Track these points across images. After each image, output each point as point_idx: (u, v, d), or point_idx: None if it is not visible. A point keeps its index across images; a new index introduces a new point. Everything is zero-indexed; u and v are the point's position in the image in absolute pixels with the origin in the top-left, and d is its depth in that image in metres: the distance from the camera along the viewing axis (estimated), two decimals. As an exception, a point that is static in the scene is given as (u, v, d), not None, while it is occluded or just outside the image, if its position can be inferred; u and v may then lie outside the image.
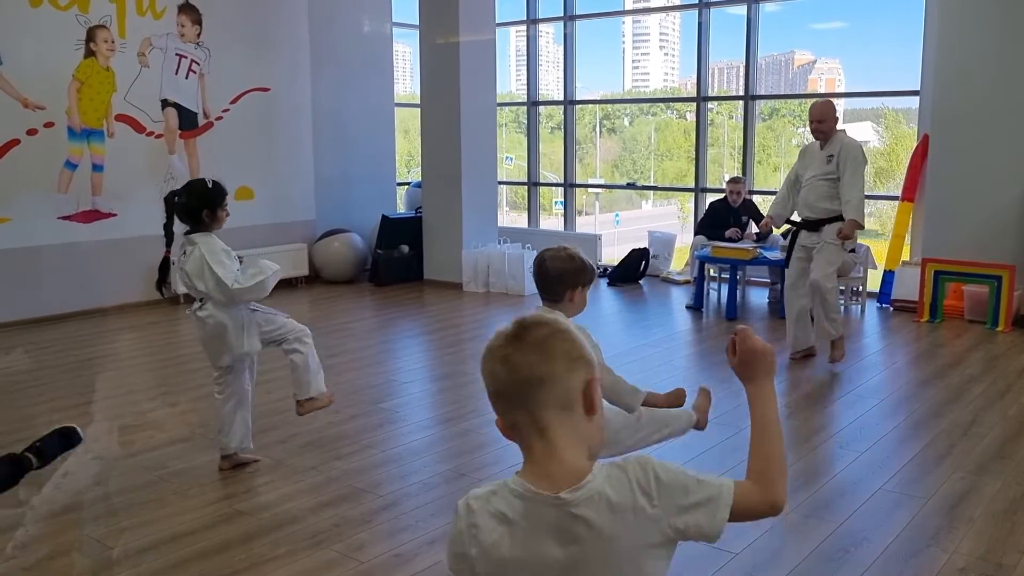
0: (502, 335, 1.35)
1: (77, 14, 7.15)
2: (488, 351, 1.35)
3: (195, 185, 3.82)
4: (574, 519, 1.27)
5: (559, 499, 1.28)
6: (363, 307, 7.93)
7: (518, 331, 1.33)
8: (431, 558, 3.13)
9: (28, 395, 5.16)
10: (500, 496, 1.32)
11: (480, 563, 1.31)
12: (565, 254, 2.63)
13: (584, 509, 1.27)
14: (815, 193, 5.58)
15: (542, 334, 1.32)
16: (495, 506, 1.31)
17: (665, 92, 15.33)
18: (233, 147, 8.27)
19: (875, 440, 4.36)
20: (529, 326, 1.34)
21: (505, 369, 1.31)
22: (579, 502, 1.27)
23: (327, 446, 4.26)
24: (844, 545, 3.21)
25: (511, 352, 1.31)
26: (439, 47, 8.57)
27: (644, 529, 1.30)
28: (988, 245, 6.89)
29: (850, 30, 12.34)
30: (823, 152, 5.57)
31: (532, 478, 1.30)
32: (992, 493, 3.66)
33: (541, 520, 1.29)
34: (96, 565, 3.10)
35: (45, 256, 7.07)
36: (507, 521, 1.30)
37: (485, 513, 1.32)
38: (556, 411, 1.31)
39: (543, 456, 1.31)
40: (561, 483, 1.29)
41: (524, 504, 1.30)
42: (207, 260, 3.68)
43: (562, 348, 1.32)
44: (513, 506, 1.30)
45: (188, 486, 3.77)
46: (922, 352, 6.16)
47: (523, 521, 1.29)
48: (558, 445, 1.31)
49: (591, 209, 13.77)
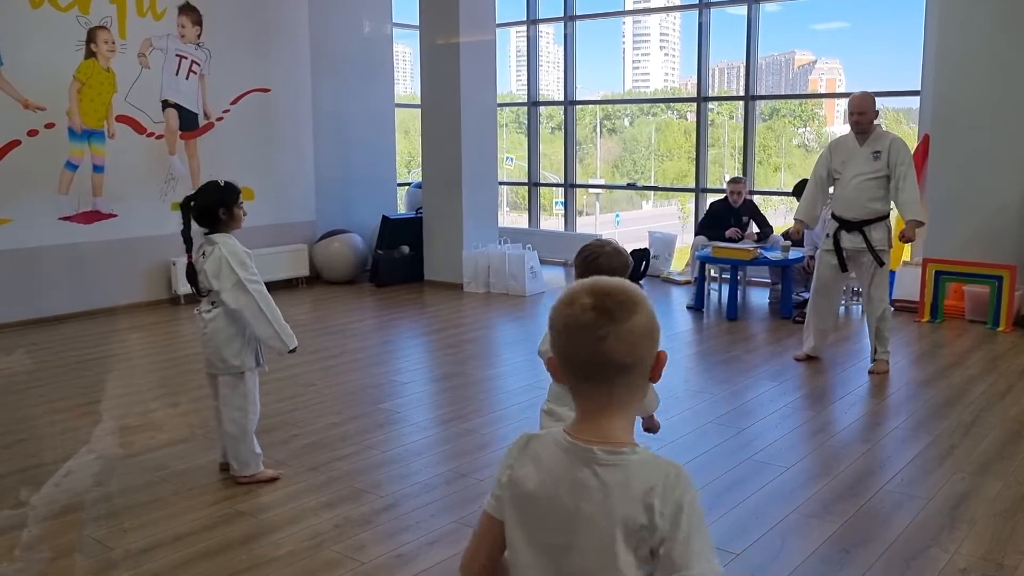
0: (592, 308, 1.31)
1: (78, 15, 7.16)
2: (574, 321, 1.32)
3: (209, 186, 3.79)
4: (594, 476, 1.31)
5: (591, 452, 1.32)
6: (363, 308, 7.93)
7: (614, 310, 1.31)
8: (432, 558, 3.13)
9: (29, 396, 5.16)
10: (544, 440, 1.39)
11: (506, 490, 1.38)
12: (612, 249, 2.56)
13: (608, 471, 1.31)
14: (865, 194, 5.25)
15: (640, 321, 1.32)
16: (535, 447, 1.38)
17: (665, 92, 15.34)
18: (234, 148, 8.28)
19: (876, 440, 4.36)
20: (625, 306, 1.31)
21: (595, 351, 1.31)
22: (607, 462, 1.31)
23: (328, 447, 4.26)
24: (845, 546, 3.21)
25: (606, 335, 1.30)
26: (439, 48, 8.57)
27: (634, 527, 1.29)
28: (989, 245, 6.89)
29: (850, 30, 12.35)
30: (865, 148, 5.27)
31: (575, 431, 1.35)
32: (993, 493, 3.66)
33: (568, 467, 1.33)
34: (97, 566, 3.10)
35: (46, 257, 7.07)
36: (538, 460, 1.36)
37: (527, 449, 1.39)
38: (628, 386, 1.35)
39: (596, 415, 1.35)
40: (600, 441, 1.33)
41: (560, 450, 1.35)
42: (228, 261, 3.62)
43: (651, 330, 1.34)
44: (550, 450, 1.36)
45: (189, 487, 3.77)
46: (923, 352, 6.16)
47: (551, 463, 1.35)
48: (615, 410, 1.35)
49: (592, 209, 13.77)
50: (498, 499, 1.41)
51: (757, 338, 6.64)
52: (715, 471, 3.90)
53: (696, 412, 4.76)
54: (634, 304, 1.32)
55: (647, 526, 1.27)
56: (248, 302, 3.65)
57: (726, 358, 6.09)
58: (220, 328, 3.70)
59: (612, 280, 1.36)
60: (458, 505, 3.56)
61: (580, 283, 1.36)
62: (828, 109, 12.86)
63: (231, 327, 3.70)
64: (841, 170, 5.39)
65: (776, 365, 5.78)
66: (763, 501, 3.60)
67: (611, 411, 1.34)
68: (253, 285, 3.66)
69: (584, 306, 1.31)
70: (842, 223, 5.41)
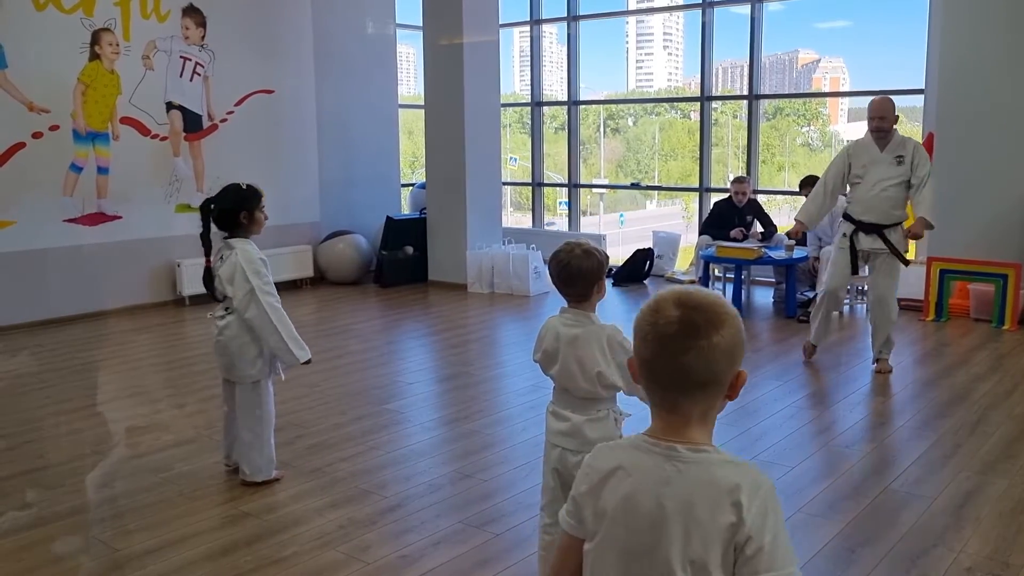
0: (678, 321, 1.29)
1: (82, 17, 7.17)
2: (658, 331, 1.30)
3: (230, 189, 3.71)
4: (678, 472, 1.30)
5: (674, 449, 1.32)
6: (368, 308, 7.94)
7: (700, 325, 1.29)
8: (437, 559, 3.13)
9: (35, 397, 5.17)
10: (622, 447, 1.38)
11: (587, 506, 1.38)
12: (581, 251, 2.58)
13: (692, 468, 1.30)
14: (889, 201, 5.23)
15: (724, 339, 1.30)
16: (614, 455, 1.38)
17: (669, 92, 15.32)
18: (238, 149, 8.29)
19: (881, 440, 4.35)
20: (712, 323, 1.30)
21: (675, 364, 1.30)
22: (690, 459, 1.31)
23: (332, 448, 4.27)
24: (850, 545, 3.20)
25: (688, 349, 1.29)
26: (443, 48, 8.57)
27: (720, 524, 1.27)
28: (994, 243, 6.88)
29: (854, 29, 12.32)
30: (887, 154, 5.24)
31: (655, 434, 1.35)
32: (999, 492, 3.65)
33: (651, 467, 1.33)
34: (103, 567, 3.11)
35: (51, 259, 7.09)
36: (621, 467, 1.35)
37: (604, 459, 1.38)
38: (704, 400, 1.34)
39: (673, 421, 1.35)
40: (681, 440, 1.33)
41: (641, 453, 1.35)
42: (243, 268, 3.58)
43: (733, 349, 1.33)
44: (631, 455, 1.36)
45: (194, 488, 3.78)
46: (928, 351, 6.15)
47: (634, 467, 1.34)
48: (692, 419, 1.34)
49: (595, 209, 13.76)
50: (575, 517, 1.40)
51: (761, 337, 6.63)
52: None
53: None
54: (721, 322, 1.31)
55: (735, 523, 1.26)
56: (259, 313, 3.61)
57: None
58: (234, 336, 3.67)
59: (703, 293, 1.33)
60: (463, 506, 3.57)
61: (670, 291, 1.34)
62: (832, 108, 12.83)
63: (246, 335, 3.67)
64: (862, 175, 5.33)
65: (781, 364, 5.77)
66: (768, 501, 3.59)
67: (687, 419, 1.34)
68: (266, 297, 3.61)
69: (670, 318, 1.30)
70: (860, 226, 5.36)
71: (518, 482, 3.79)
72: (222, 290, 3.65)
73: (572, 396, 2.61)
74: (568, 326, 2.61)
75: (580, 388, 2.58)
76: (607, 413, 2.59)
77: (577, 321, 2.60)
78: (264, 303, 3.61)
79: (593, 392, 2.56)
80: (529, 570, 3.05)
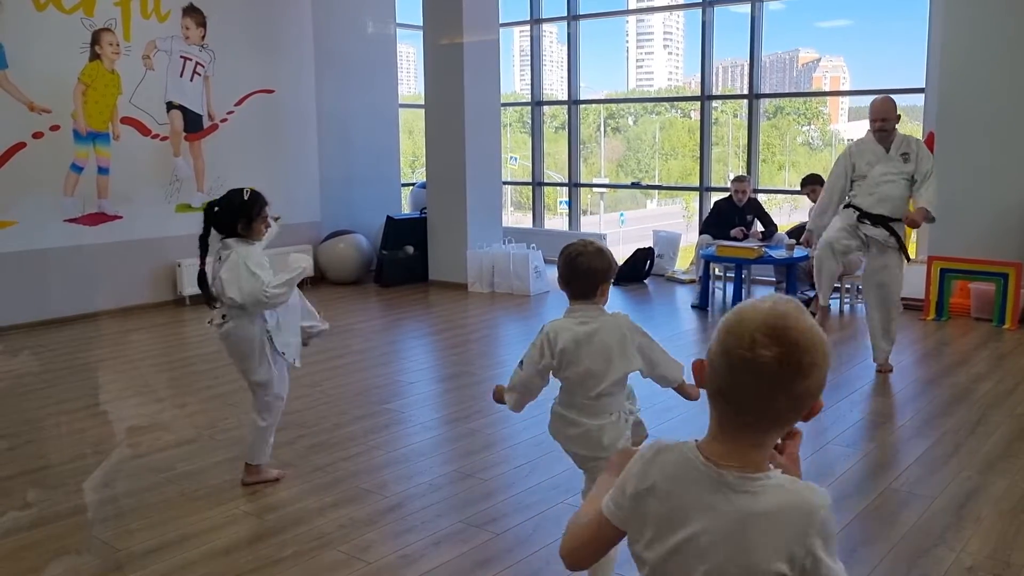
0: (776, 360, 1.22)
1: (82, 17, 7.17)
2: (751, 365, 1.23)
3: (232, 196, 3.68)
4: (727, 502, 1.26)
5: (723, 476, 1.27)
6: (368, 308, 7.94)
7: (802, 365, 1.23)
8: (438, 559, 3.13)
9: (36, 397, 5.17)
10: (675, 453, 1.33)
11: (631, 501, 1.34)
12: (594, 248, 2.55)
13: (742, 498, 1.26)
14: (898, 191, 5.26)
15: (817, 379, 1.25)
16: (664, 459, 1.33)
17: (669, 91, 15.32)
18: (238, 149, 8.29)
19: (881, 439, 4.35)
20: (813, 364, 1.24)
21: (763, 397, 1.25)
22: (741, 489, 1.26)
23: (333, 447, 4.27)
24: (851, 545, 3.20)
25: (781, 387, 1.23)
26: (443, 48, 8.57)
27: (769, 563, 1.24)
28: (994, 242, 6.88)
29: (854, 28, 12.33)
30: (893, 151, 5.29)
31: (709, 449, 1.30)
32: (1000, 492, 3.65)
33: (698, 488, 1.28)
34: (104, 567, 3.11)
35: (52, 259, 7.09)
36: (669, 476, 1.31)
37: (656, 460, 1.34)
38: (777, 427, 1.30)
39: (734, 437, 1.29)
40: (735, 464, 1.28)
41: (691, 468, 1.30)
42: (246, 265, 3.54)
43: (821, 386, 1.27)
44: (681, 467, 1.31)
45: (195, 488, 3.78)
46: (928, 350, 6.14)
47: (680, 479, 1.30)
48: (757, 440, 1.29)
49: (596, 209, 13.76)
50: (620, 507, 1.36)
51: (762, 337, 6.62)
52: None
53: (701, 411, 4.74)
54: (818, 361, 1.25)
55: (787, 558, 1.23)
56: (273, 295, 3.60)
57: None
58: (237, 343, 3.66)
59: (799, 325, 1.24)
60: (463, 505, 3.57)
61: (762, 318, 1.24)
62: (832, 107, 12.84)
63: (245, 341, 3.64)
64: (867, 171, 5.36)
65: (781, 364, 5.76)
66: (769, 500, 3.59)
67: (751, 439, 1.29)
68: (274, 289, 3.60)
69: (765, 355, 1.22)
70: (867, 216, 5.33)
71: (519, 482, 3.79)
72: (221, 292, 3.57)
73: (583, 399, 2.57)
74: (581, 324, 2.55)
75: (597, 388, 2.53)
76: (618, 416, 2.58)
77: (589, 317, 2.55)
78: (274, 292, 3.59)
79: (609, 390, 2.54)
80: (530, 569, 3.05)
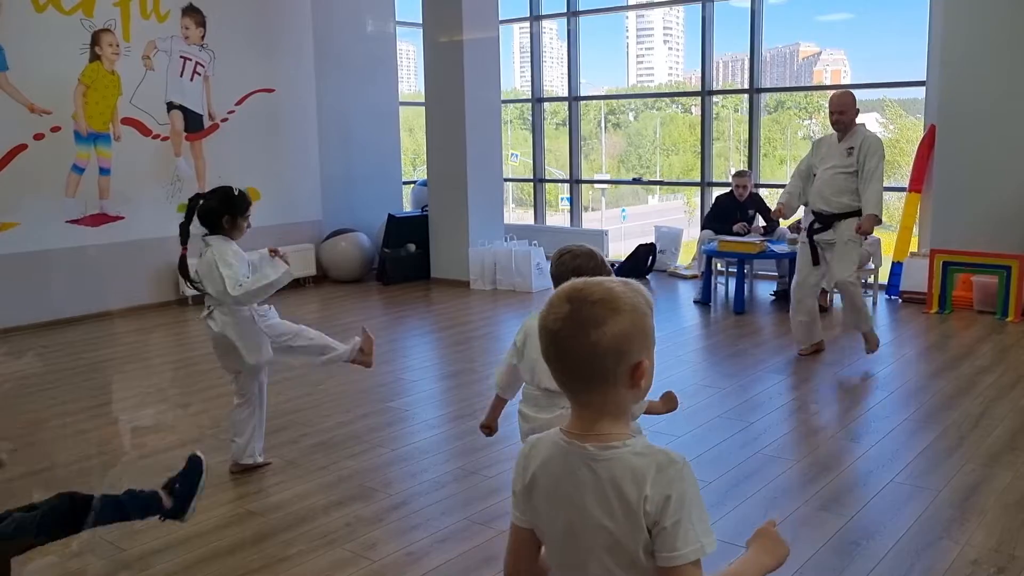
0: (565, 317, 1.32)
1: (82, 18, 7.17)
2: (549, 329, 1.35)
3: (221, 190, 3.83)
4: (591, 473, 1.33)
5: (584, 449, 1.34)
6: (371, 306, 7.94)
7: (584, 320, 1.31)
8: (443, 556, 3.13)
9: (40, 398, 5.18)
10: (544, 444, 1.42)
11: (523, 497, 1.42)
12: (584, 251, 2.58)
13: (600, 466, 1.32)
14: (833, 187, 5.41)
15: (609, 332, 1.31)
16: (537, 452, 1.43)
17: (670, 86, 15.31)
18: (239, 148, 8.29)
19: (885, 433, 4.35)
20: (598, 317, 1.32)
21: (568, 360, 1.34)
22: (599, 457, 1.33)
23: (337, 446, 4.28)
24: (856, 538, 3.20)
25: (575, 344, 1.32)
26: (443, 45, 8.57)
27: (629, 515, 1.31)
28: (997, 235, 6.87)
29: (855, 21, 12.30)
30: (842, 144, 5.41)
31: (570, 427, 1.39)
32: (1004, 484, 3.65)
33: (564, 472, 1.36)
34: (109, 567, 3.12)
35: (54, 260, 7.10)
36: (543, 465, 1.40)
37: (531, 454, 1.44)
38: (608, 394, 1.36)
39: (584, 415, 1.38)
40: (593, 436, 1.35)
41: (557, 453, 1.39)
42: (216, 262, 3.68)
43: (626, 339, 1.34)
44: (550, 453, 1.40)
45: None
46: (931, 344, 6.14)
47: (551, 468, 1.39)
48: (603, 412, 1.36)
49: (597, 205, 13.75)
50: (517, 507, 1.44)
51: (764, 332, 6.63)
52: (724, 466, 3.90)
53: (704, 406, 4.76)
54: (615, 310, 1.32)
55: (641, 513, 1.29)
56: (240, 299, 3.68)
57: (733, 352, 6.09)
58: (229, 332, 3.75)
59: (598, 285, 1.34)
60: (468, 502, 3.57)
61: (569, 284, 1.36)
62: (833, 101, 12.79)
63: (238, 329, 3.75)
64: (819, 164, 5.57)
65: (784, 359, 5.77)
66: (773, 495, 3.59)
67: (598, 413, 1.37)
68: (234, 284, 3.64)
69: (559, 313, 1.33)
70: (816, 217, 5.56)
71: (523, 478, 3.79)
72: (202, 286, 3.76)
73: (539, 392, 2.63)
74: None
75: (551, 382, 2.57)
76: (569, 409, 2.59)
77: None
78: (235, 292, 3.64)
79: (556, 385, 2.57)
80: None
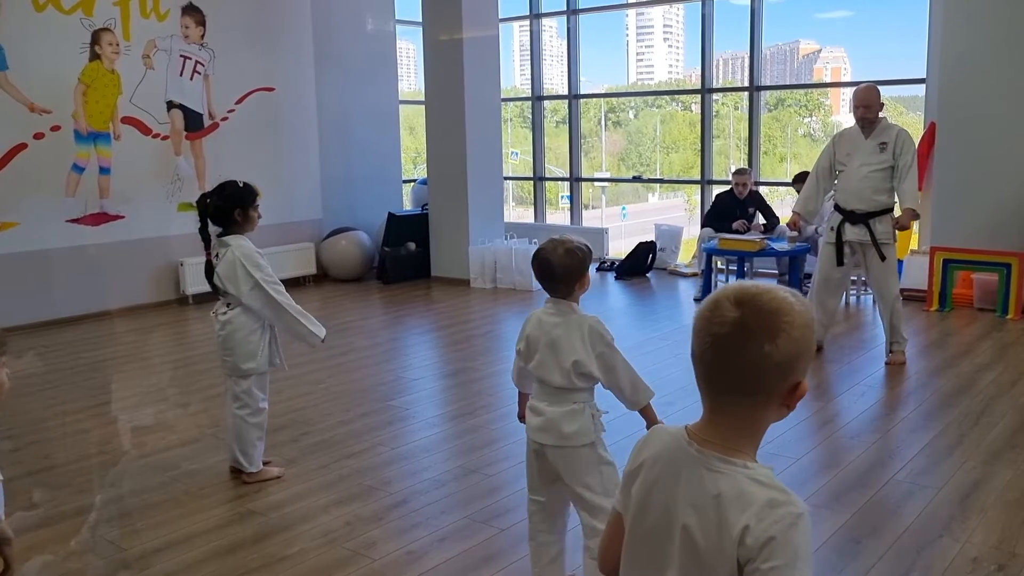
0: (732, 324, 1.23)
1: (82, 17, 7.17)
2: (714, 332, 1.25)
3: (227, 186, 3.76)
4: (701, 480, 1.26)
5: (706, 458, 1.27)
6: (371, 305, 7.94)
7: (756, 330, 1.22)
8: (443, 555, 3.14)
9: (40, 398, 5.18)
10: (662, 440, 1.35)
11: (627, 482, 1.35)
12: (563, 249, 2.59)
13: (718, 479, 1.24)
14: (870, 185, 5.25)
15: (781, 347, 1.24)
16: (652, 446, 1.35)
17: (670, 84, 15.30)
18: (239, 147, 8.29)
19: (885, 430, 4.35)
20: (771, 328, 1.23)
21: (729, 369, 1.27)
22: (718, 470, 1.25)
23: (337, 444, 4.28)
24: (856, 536, 3.20)
25: (742, 354, 1.25)
26: (443, 44, 8.56)
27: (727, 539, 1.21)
28: (997, 232, 6.86)
29: (855, 19, 12.30)
30: (871, 140, 5.28)
31: (696, 431, 1.32)
32: (1004, 482, 3.65)
33: (679, 467, 1.28)
34: (110, 566, 3.12)
35: (54, 259, 7.10)
36: (655, 456, 1.33)
37: (648, 443, 1.37)
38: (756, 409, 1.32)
39: (718, 423, 1.32)
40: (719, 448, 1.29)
41: (674, 448, 1.31)
42: (242, 263, 3.64)
43: (795, 357, 1.28)
44: (666, 444, 1.32)
45: (200, 487, 3.79)
46: (932, 341, 6.14)
47: (661, 461, 1.31)
48: (739, 426, 1.31)
49: (597, 203, 13.75)
50: (622, 491, 1.37)
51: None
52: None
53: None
54: (787, 328, 1.25)
55: (736, 542, 1.19)
56: (268, 301, 3.70)
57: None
58: (234, 331, 3.72)
59: (770, 293, 1.24)
60: (468, 501, 3.57)
61: (734, 286, 1.27)
62: (833, 98, 12.81)
63: (243, 330, 3.72)
64: (846, 162, 5.39)
65: (784, 356, 5.76)
66: (773, 493, 3.59)
67: (733, 426, 1.31)
68: (272, 286, 3.70)
69: (725, 318, 1.24)
70: (847, 215, 5.40)
71: (523, 477, 3.77)
72: (222, 287, 3.71)
73: (548, 388, 2.61)
74: (550, 315, 2.63)
75: (555, 379, 2.58)
76: (583, 407, 2.58)
77: (558, 311, 2.62)
78: (272, 291, 3.70)
79: (568, 383, 2.56)
80: (535, 565, 3.05)
